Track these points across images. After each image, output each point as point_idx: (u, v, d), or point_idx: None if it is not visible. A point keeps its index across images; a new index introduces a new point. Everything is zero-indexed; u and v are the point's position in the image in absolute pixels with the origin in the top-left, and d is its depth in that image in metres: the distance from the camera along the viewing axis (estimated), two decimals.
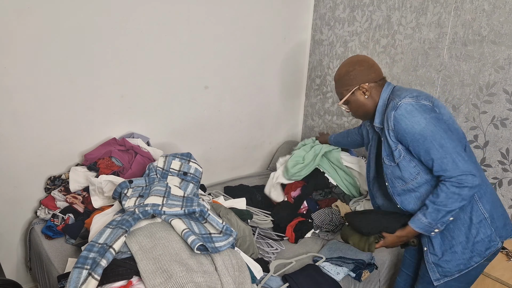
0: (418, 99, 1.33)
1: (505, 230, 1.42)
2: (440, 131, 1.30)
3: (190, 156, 1.92)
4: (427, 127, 1.30)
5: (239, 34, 2.61)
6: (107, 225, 1.47)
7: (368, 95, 1.48)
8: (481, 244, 1.39)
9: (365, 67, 1.48)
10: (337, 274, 1.76)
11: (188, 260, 1.39)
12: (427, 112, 1.31)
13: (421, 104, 1.32)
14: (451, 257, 1.43)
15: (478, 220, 1.38)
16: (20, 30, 1.85)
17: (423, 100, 1.34)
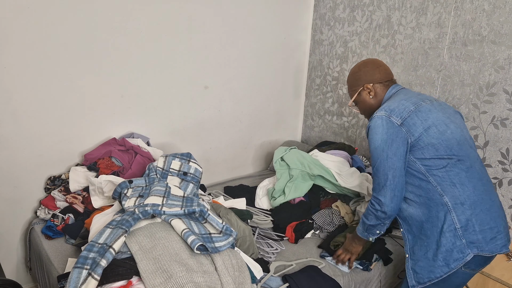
0: (390, 114, 1.42)
1: (491, 244, 1.37)
2: (384, 154, 1.41)
3: (190, 156, 1.92)
4: (379, 146, 1.42)
5: (239, 34, 2.61)
6: (107, 225, 1.47)
7: (373, 95, 1.57)
8: (449, 254, 1.38)
9: (370, 68, 1.57)
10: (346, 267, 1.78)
11: (188, 260, 1.39)
12: (389, 131, 1.40)
13: (389, 121, 1.41)
14: (425, 263, 1.44)
15: (448, 229, 1.38)
16: (20, 30, 1.85)
17: (394, 116, 1.41)
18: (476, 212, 1.37)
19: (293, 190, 2.20)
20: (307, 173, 2.23)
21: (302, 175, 2.24)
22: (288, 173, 2.28)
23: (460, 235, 1.37)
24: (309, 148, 2.83)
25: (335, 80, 2.90)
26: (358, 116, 2.78)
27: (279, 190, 2.24)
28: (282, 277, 1.69)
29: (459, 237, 1.37)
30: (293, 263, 1.80)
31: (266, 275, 1.68)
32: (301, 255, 1.91)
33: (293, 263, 1.80)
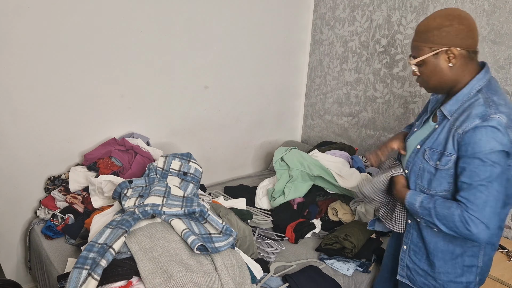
0: (510, 126, 1.10)
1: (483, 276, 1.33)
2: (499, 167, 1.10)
3: (190, 156, 1.92)
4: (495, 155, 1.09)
5: (239, 34, 2.61)
6: (107, 225, 1.46)
7: (454, 64, 1.18)
8: (454, 285, 1.30)
9: (465, 27, 1.15)
10: (347, 270, 1.77)
11: (188, 260, 1.39)
12: (506, 144, 1.10)
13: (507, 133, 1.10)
14: (424, 274, 1.35)
15: (470, 264, 1.28)
16: (20, 30, 1.84)
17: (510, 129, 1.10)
18: (494, 253, 1.30)
19: (292, 191, 2.20)
20: (307, 173, 2.23)
21: (302, 175, 2.24)
22: (288, 174, 2.29)
23: (478, 273, 1.30)
24: (309, 148, 2.83)
25: (335, 80, 2.90)
26: (358, 116, 2.78)
27: (279, 191, 2.24)
28: (282, 277, 1.69)
29: (476, 275, 1.29)
30: (293, 264, 1.79)
31: (266, 275, 1.68)
32: (301, 255, 1.91)
33: (293, 264, 1.80)
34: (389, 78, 2.51)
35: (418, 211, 1.24)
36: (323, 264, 1.82)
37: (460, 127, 1.15)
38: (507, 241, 1.97)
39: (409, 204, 1.27)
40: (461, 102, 1.20)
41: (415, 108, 2.39)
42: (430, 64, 1.20)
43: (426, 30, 1.19)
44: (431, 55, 1.19)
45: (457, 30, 1.14)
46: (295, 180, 2.23)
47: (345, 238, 1.84)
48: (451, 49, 1.16)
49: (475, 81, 1.19)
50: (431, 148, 1.23)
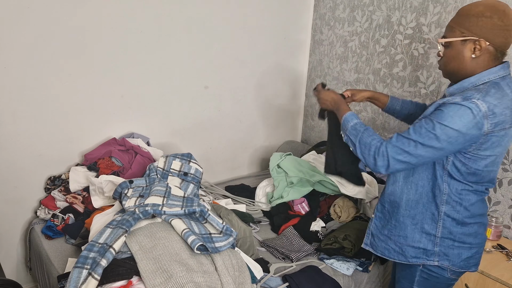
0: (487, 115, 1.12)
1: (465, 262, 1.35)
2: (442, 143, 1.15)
3: (190, 156, 1.92)
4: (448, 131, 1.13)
5: (239, 34, 2.61)
6: (107, 225, 1.47)
7: (476, 56, 1.18)
8: (413, 250, 1.36)
9: (504, 24, 1.13)
10: (347, 270, 1.77)
11: (188, 260, 1.39)
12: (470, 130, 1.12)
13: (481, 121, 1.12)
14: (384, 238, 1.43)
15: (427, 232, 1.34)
16: (20, 30, 1.84)
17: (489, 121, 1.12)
18: (464, 230, 1.32)
19: (291, 193, 2.21)
20: (306, 180, 2.22)
21: (302, 181, 2.23)
22: (285, 180, 2.28)
23: (437, 243, 1.34)
24: (308, 148, 2.83)
25: (335, 80, 2.90)
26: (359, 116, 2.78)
27: (278, 198, 2.24)
28: (282, 277, 1.69)
29: (434, 244, 1.34)
30: (293, 264, 1.80)
31: (266, 275, 1.68)
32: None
33: (293, 264, 1.80)
34: (389, 78, 2.52)
35: (349, 129, 1.35)
36: (323, 264, 1.82)
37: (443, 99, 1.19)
38: (507, 241, 1.97)
39: (345, 120, 1.38)
40: (463, 88, 1.21)
41: None
42: (455, 49, 1.20)
43: (465, 14, 1.18)
44: (459, 40, 1.18)
45: (494, 24, 1.13)
46: (294, 186, 2.23)
47: (345, 238, 1.84)
48: (480, 41, 1.15)
49: (486, 73, 1.18)
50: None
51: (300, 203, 2.22)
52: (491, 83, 1.17)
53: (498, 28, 1.13)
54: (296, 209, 2.21)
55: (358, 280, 1.79)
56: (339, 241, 1.84)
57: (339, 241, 1.84)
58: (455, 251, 1.34)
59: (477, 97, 1.12)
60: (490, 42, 1.15)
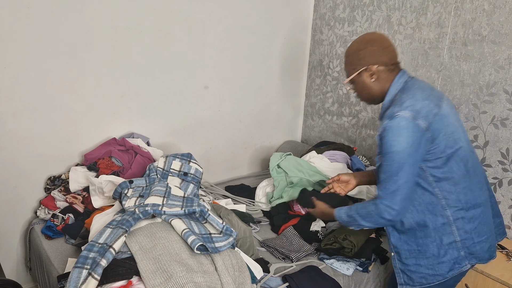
0: (416, 116, 1.25)
1: (488, 252, 1.39)
2: (411, 160, 1.26)
3: (190, 156, 1.92)
4: (403, 151, 1.25)
5: (239, 34, 2.61)
6: (107, 225, 1.47)
7: (375, 79, 1.38)
8: (445, 265, 1.37)
9: (378, 47, 1.35)
10: (347, 270, 1.77)
11: (188, 260, 1.39)
12: (415, 135, 1.25)
13: (415, 124, 1.25)
14: (416, 268, 1.41)
15: (448, 242, 1.35)
16: (20, 30, 1.84)
17: (421, 120, 1.25)
18: (475, 224, 1.35)
19: (291, 193, 2.20)
20: (307, 180, 2.22)
21: (302, 182, 2.23)
22: (285, 180, 2.27)
23: (460, 247, 1.35)
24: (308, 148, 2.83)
25: (335, 80, 2.90)
26: (358, 116, 2.79)
27: (278, 198, 2.23)
28: (282, 277, 1.69)
29: (458, 249, 1.36)
30: (293, 264, 1.80)
31: (266, 275, 1.68)
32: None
33: (293, 264, 1.80)
34: None
35: (346, 221, 1.45)
36: (323, 264, 1.82)
37: (380, 130, 1.33)
38: (507, 241, 1.97)
39: (339, 219, 1.48)
40: (385, 109, 1.39)
41: None
42: (358, 82, 1.42)
43: (347, 55, 1.43)
44: (356, 75, 1.41)
45: (371, 51, 1.35)
46: (294, 186, 2.23)
47: (345, 238, 1.84)
48: (369, 67, 1.37)
49: (392, 88, 1.38)
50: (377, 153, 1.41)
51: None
52: (399, 91, 1.36)
53: (376, 52, 1.35)
54: (296, 209, 2.21)
55: (358, 280, 1.79)
56: (339, 241, 1.84)
57: (339, 241, 1.84)
58: (477, 247, 1.36)
59: (397, 110, 1.27)
60: (377, 64, 1.36)
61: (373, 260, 1.87)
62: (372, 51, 1.35)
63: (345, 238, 1.84)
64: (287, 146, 3.08)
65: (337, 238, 1.85)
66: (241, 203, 2.31)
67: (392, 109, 1.29)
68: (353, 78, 1.42)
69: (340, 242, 1.84)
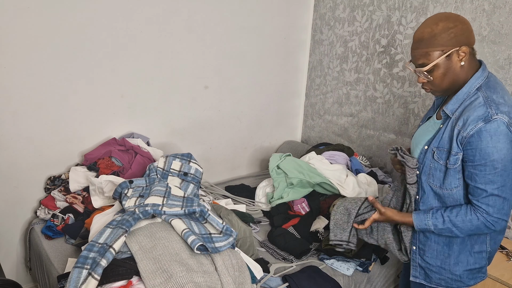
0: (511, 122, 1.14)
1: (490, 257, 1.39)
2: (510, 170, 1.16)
3: (190, 156, 1.92)
4: (504, 159, 1.14)
5: (239, 34, 2.61)
6: (107, 225, 1.46)
7: (465, 62, 1.21)
8: (470, 273, 1.34)
9: (467, 25, 1.19)
10: (347, 270, 1.77)
11: (188, 260, 1.39)
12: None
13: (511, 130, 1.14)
14: (438, 270, 1.37)
15: (479, 250, 1.32)
16: (20, 30, 1.84)
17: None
18: (502, 236, 1.36)
19: (291, 194, 2.20)
20: (307, 181, 2.22)
21: (302, 183, 2.23)
22: (285, 181, 2.27)
23: (487, 258, 1.35)
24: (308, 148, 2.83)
25: (335, 80, 2.90)
26: (358, 116, 2.79)
27: (278, 199, 2.23)
28: (282, 277, 1.69)
29: (486, 259, 1.34)
30: (293, 264, 1.80)
31: (266, 275, 1.68)
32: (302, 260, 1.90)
33: (293, 264, 1.80)
34: (389, 78, 2.52)
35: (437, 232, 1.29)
36: (323, 264, 1.82)
37: (463, 128, 1.18)
38: (507, 241, 1.97)
39: (421, 229, 1.32)
40: (461, 101, 1.23)
41: (415, 108, 2.39)
42: (443, 67, 1.22)
43: (431, 36, 1.20)
44: (443, 58, 1.20)
45: (462, 29, 1.18)
46: (294, 187, 2.23)
47: None
48: (461, 48, 1.19)
49: (473, 79, 1.22)
50: (438, 147, 1.26)
51: (300, 203, 2.22)
52: (484, 87, 1.21)
53: (467, 31, 1.19)
54: (296, 209, 2.21)
55: (358, 280, 1.79)
56: None
57: None
58: (493, 253, 1.37)
59: (494, 112, 1.14)
60: (468, 45, 1.20)
61: (373, 260, 1.87)
62: (463, 29, 1.18)
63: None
64: (287, 146, 3.09)
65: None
66: (241, 203, 2.31)
67: (486, 110, 1.15)
68: (439, 62, 1.21)
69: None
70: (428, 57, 1.21)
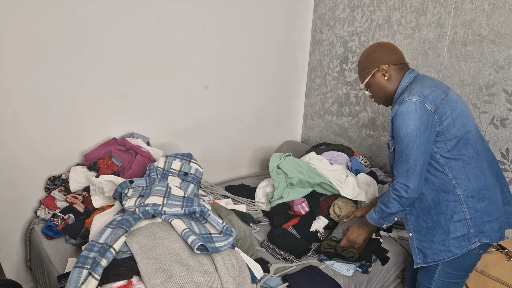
0: (424, 100, 1.38)
1: (498, 233, 1.46)
2: (418, 141, 1.38)
3: (190, 156, 1.93)
4: (411, 133, 1.38)
5: (239, 34, 2.62)
6: (108, 225, 1.47)
7: (388, 77, 1.52)
8: (456, 241, 1.45)
9: (386, 49, 1.53)
10: (347, 271, 1.77)
11: (188, 260, 1.39)
12: (422, 118, 1.37)
13: (423, 107, 1.37)
14: (429, 245, 1.50)
15: (458, 219, 1.44)
16: (20, 30, 1.85)
17: (428, 103, 1.38)
18: (484, 204, 1.43)
19: (291, 194, 2.20)
20: (307, 181, 2.22)
21: (302, 183, 2.23)
22: (285, 181, 2.27)
23: (470, 225, 1.43)
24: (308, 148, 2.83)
25: (335, 80, 2.90)
26: (358, 116, 2.79)
27: (278, 198, 2.23)
28: (282, 277, 1.69)
29: (468, 227, 1.43)
30: (293, 265, 1.80)
31: (266, 275, 1.68)
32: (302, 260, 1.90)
33: (293, 265, 1.80)
34: None
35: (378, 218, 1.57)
36: (323, 264, 1.82)
37: (391, 116, 1.45)
38: (507, 241, 1.97)
39: (373, 221, 1.60)
40: (395, 99, 1.53)
41: None
42: (373, 84, 1.57)
43: (360, 62, 1.59)
44: (370, 77, 1.56)
45: (380, 53, 1.52)
46: (294, 187, 2.23)
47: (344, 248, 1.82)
48: (381, 67, 1.52)
49: (403, 81, 1.52)
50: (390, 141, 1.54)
51: (300, 203, 2.22)
52: (409, 84, 1.49)
53: (385, 53, 1.52)
54: (296, 209, 2.21)
55: (358, 281, 1.79)
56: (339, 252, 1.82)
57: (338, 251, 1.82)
58: (487, 226, 1.43)
59: (406, 96, 1.40)
60: (387, 63, 1.51)
61: (373, 261, 1.86)
62: (381, 53, 1.52)
63: (344, 249, 1.82)
64: (287, 146, 3.09)
65: (337, 248, 1.83)
66: (241, 203, 2.31)
67: (402, 96, 1.43)
68: (369, 81, 1.56)
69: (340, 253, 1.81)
70: (362, 78, 1.60)
